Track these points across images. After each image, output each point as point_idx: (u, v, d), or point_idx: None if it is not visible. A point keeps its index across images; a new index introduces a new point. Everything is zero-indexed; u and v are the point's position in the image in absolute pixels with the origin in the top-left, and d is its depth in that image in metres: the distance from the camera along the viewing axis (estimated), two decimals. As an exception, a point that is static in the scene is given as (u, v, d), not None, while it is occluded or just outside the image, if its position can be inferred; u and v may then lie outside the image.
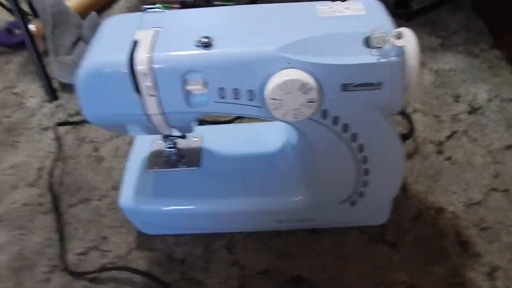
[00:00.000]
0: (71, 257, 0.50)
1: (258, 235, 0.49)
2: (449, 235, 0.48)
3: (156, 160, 0.50)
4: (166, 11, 0.40)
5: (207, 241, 0.50)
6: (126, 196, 0.47)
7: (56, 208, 0.55)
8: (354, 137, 0.39)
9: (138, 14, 0.40)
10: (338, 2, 0.38)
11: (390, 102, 0.36)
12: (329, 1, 0.39)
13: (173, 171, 0.49)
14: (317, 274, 0.46)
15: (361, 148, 0.40)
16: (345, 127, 0.38)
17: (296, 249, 0.48)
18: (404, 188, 0.52)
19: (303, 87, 0.33)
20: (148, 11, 0.40)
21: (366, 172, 0.41)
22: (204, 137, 0.52)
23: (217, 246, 0.49)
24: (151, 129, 0.39)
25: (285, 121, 0.37)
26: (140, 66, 0.34)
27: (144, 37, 0.36)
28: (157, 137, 0.51)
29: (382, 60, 0.33)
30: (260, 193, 0.47)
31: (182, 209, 0.47)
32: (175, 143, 0.49)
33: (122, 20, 0.40)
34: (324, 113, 0.37)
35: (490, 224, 0.49)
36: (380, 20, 0.36)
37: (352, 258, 0.47)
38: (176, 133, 0.44)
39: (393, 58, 0.33)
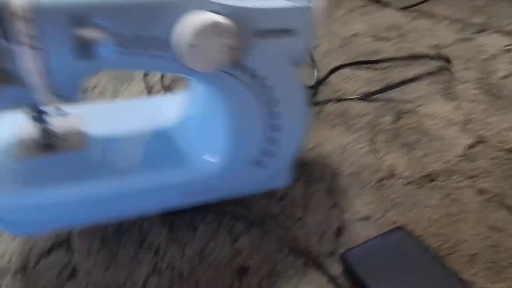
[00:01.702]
0: None
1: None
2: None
3: (28, 147, 0.41)
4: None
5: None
6: None
7: None
8: (264, 86, 0.38)
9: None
10: None
11: (300, 51, 0.37)
12: None
13: (53, 157, 0.41)
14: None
15: (270, 99, 0.39)
16: (255, 75, 0.37)
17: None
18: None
19: (218, 29, 0.31)
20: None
21: (276, 126, 0.41)
22: (86, 116, 0.45)
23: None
24: (22, 96, 0.31)
25: (196, 74, 0.34)
26: (16, 4, 0.27)
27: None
28: (25, 120, 0.41)
29: (294, 4, 0.34)
30: (163, 165, 0.42)
31: (72, 194, 0.39)
32: (49, 124, 0.41)
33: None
34: (240, 65, 0.35)
35: None
36: None
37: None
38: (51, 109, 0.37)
39: (303, 4, 0.34)
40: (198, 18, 0.30)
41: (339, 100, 0.65)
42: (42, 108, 0.39)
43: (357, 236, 0.45)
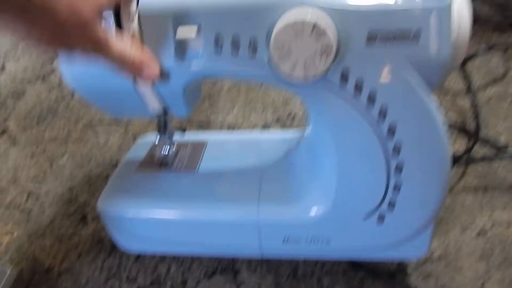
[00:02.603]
0: None
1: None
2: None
3: (149, 163, 0.44)
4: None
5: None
6: (105, 199, 0.40)
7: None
8: (382, 113, 0.30)
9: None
10: None
11: (429, 58, 0.28)
12: None
13: (165, 173, 0.42)
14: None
15: (392, 130, 0.30)
16: (372, 97, 0.29)
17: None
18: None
19: (317, 31, 0.26)
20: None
21: (399, 168, 0.31)
22: (205, 142, 0.46)
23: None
24: (134, 101, 0.33)
25: (293, 86, 0.30)
26: (125, 13, 0.28)
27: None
28: (156, 140, 0.44)
29: (422, 6, 0.26)
30: (264, 203, 0.37)
31: (168, 214, 0.39)
32: (171, 144, 0.43)
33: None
34: (345, 74, 0.29)
35: None
36: None
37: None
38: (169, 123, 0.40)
39: (436, 3, 0.26)
40: (296, 15, 0.26)
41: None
42: (170, 132, 0.42)
43: None
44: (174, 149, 0.44)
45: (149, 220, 0.39)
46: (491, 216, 0.46)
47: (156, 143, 0.43)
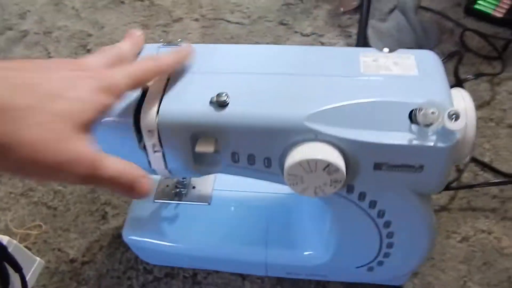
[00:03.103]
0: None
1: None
2: None
3: (165, 190, 0.47)
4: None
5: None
6: (128, 228, 0.45)
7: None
8: (381, 213, 0.34)
9: (155, 46, 0.35)
10: (385, 53, 0.32)
11: (429, 185, 0.31)
12: (374, 50, 0.33)
13: (180, 204, 0.46)
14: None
15: (387, 224, 0.35)
16: (373, 204, 0.33)
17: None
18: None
19: (329, 168, 0.28)
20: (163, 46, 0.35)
21: (390, 245, 0.37)
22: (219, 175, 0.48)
23: None
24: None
25: None
26: (145, 122, 0.30)
27: (155, 86, 0.31)
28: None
29: (426, 143, 0.28)
30: (270, 244, 0.43)
31: (182, 247, 0.44)
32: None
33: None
34: (351, 188, 0.32)
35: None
36: (435, 87, 0.30)
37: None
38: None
39: (441, 144, 0.28)
40: (310, 153, 0.28)
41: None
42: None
43: None
44: (186, 180, 0.47)
45: (167, 248, 0.45)
46: (473, 225, 0.50)
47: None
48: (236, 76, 0.31)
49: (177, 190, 0.47)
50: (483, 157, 0.56)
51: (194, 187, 0.47)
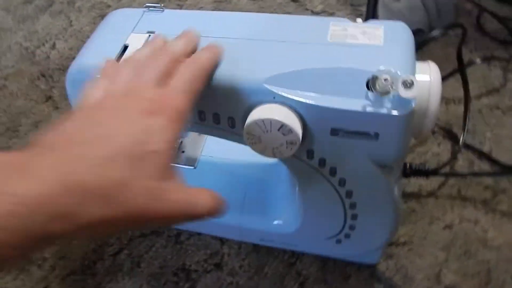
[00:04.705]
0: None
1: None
2: None
3: None
4: (166, 10, 0.37)
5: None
6: None
7: None
8: (342, 182, 0.35)
9: (140, 11, 0.37)
10: (356, 23, 0.33)
11: (386, 154, 0.31)
12: (346, 20, 0.33)
13: None
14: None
15: (349, 194, 0.36)
16: (333, 171, 0.34)
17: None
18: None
19: (284, 129, 0.29)
20: (149, 10, 0.37)
21: (354, 217, 0.38)
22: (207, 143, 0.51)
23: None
24: None
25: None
26: None
27: (135, 42, 0.34)
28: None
29: (380, 111, 0.28)
30: (246, 210, 0.45)
31: None
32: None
33: (123, 17, 0.38)
34: (310, 154, 0.33)
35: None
36: (397, 57, 0.30)
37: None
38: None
39: (395, 112, 0.28)
40: (266, 113, 0.30)
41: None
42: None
43: None
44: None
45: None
46: (460, 213, 0.49)
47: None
48: (204, 39, 0.33)
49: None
50: (483, 145, 0.54)
51: (183, 152, 0.50)
